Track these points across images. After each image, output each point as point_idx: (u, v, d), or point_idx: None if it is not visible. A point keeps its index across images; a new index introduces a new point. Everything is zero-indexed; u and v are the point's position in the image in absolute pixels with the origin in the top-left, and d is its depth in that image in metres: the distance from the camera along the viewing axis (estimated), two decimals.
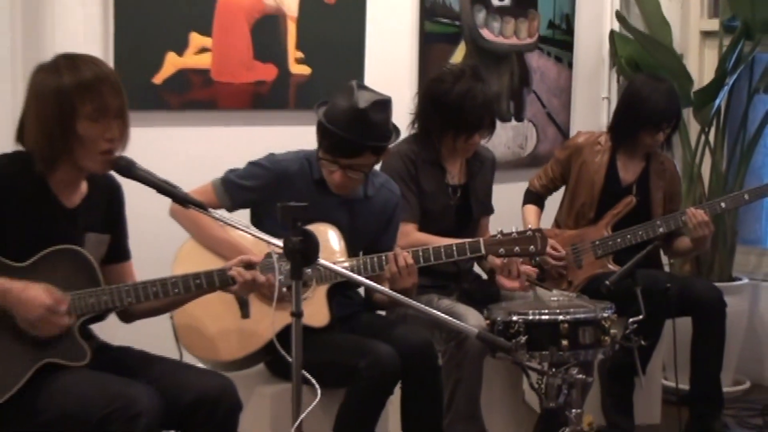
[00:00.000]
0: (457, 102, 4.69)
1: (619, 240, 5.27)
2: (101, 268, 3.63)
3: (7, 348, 3.39)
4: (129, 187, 3.67)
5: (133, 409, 3.24)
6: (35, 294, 3.35)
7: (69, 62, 3.44)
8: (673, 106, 5.35)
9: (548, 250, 4.94)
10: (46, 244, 3.48)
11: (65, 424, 3.34)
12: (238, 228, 3.52)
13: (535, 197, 5.59)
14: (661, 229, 5.25)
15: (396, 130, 4.29)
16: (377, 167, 4.48)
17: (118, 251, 3.78)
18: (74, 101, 3.36)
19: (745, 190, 5.56)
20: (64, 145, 3.40)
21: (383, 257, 4.19)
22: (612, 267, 5.21)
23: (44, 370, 3.41)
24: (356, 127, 4.10)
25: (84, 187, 3.61)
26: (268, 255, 3.82)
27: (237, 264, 3.70)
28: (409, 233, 4.67)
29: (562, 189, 5.59)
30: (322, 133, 4.20)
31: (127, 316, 3.78)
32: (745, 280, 6.47)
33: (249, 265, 3.71)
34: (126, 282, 3.71)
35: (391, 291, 3.56)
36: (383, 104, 4.17)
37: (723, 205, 5.39)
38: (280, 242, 3.14)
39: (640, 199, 5.39)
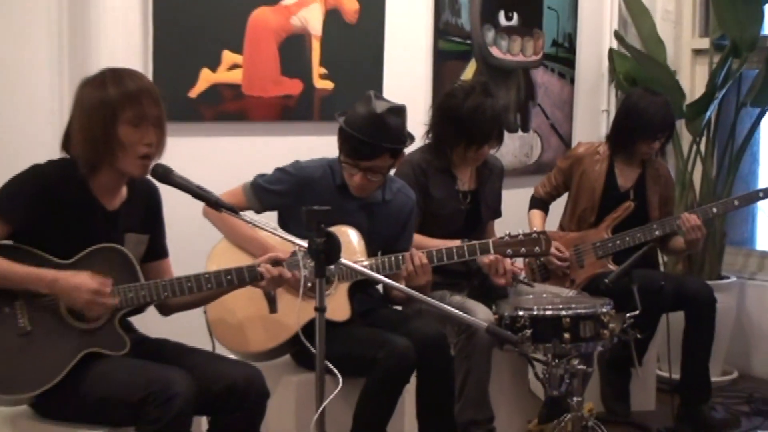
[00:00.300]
0: (468, 116, 4.67)
1: (618, 242, 5.26)
2: (141, 266, 3.64)
3: (54, 338, 3.40)
4: (167, 192, 3.66)
5: (170, 391, 3.24)
6: (81, 280, 3.37)
7: (113, 75, 3.46)
8: (668, 118, 5.33)
9: (553, 251, 4.95)
10: (88, 244, 3.48)
11: (107, 406, 3.35)
12: (266, 229, 3.51)
13: (539, 203, 5.57)
14: (657, 232, 5.24)
15: (411, 136, 4.28)
16: (393, 172, 4.46)
17: (157, 250, 3.78)
18: (116, 108, 3.37)
19: (736, 197, 5.55)
20: (106, 148, 3.41)
21: (400, 257, 4.19)
22: (611, 266, 5.19)
23: (87, 359, 3.41)
24: (374, 131, 4.10)
25: (124, 191, 3.62)
26: (294, 253, 3.83)
27: (265, 261, 3.70)
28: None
29: (565, 195, 5.57)
30: (343, 138, 4.20)
31: (164, 309, 3.78)
32: (733, 279, 6.45)
33: (276, 262, 3.71)
34: (163, 278, 3.71)
35: (407, 288, 3.54)
36: (399, 110, 4.17)
37: (715, 210, 5.37)
38: (304, 243, 3.12)
39: (637, 203, 5.37)
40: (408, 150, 4.36)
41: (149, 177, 3.54)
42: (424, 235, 4.72)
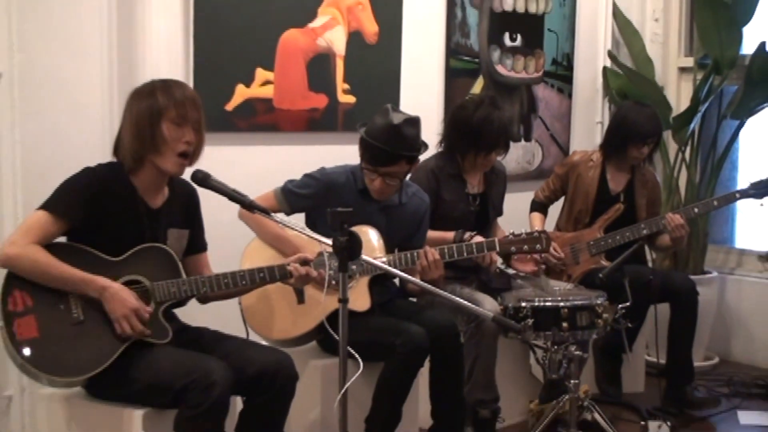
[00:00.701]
0: (477, 126, 4.67)
1: (609, 240, 5.24)
2: (183, 259, 3.66)
3: (104, 327, 3.39)
4: (205, 195, 3.65)
5: (209, 379, 3.24)
6: (127, 296, 3.38)
7: (162, 83, 3.51)
8: (655, 125, 5.32)
9: (551, 250, 4.92)
10: (134, 239, 3.49)
11: (152, 391, 3.35)
12: (295, 229, 3.50)
13: (539, 206, 5.55)
14: (644, 231, 5.21)
15: (425, 144, 4.27)
16: (408, 178, 4.45)
17: (196, 244, 3.79)
18: (162, 107, 3.42)
19: (715, 198, 5.53)
20: (151, 143, 3.44)
21: (415, 253, 4.17)
22: (604, 262, 5.17)
23: (133, 347, 3.41)
24: (392, 140, 4.10)
25: (165, 191, 3.62)
26: (320, 253, 3.83)
27: (294, 261, 3.70)
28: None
29: (561, 199, 5.55)
30: (364, 147, 4.19)
31: (203, 299, 3.77)
32: (715, 274, 6.41)
33: (304, 262, 3.71)
34: (202, 270, 3.76)
35: (421, 281, 3.52)
36: (414, 121, 4.17)
37: (696, 210, 5.35)
38: (329, 241, 3.11)
39: (626, 206, 5.34)
40: (422, 157, 4.34)
41: (188, 180, 3.55)
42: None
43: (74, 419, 3.53)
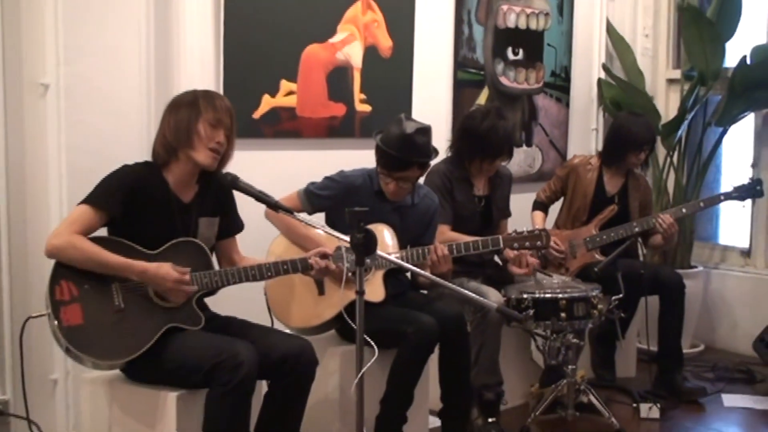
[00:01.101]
0: (484, 134, 4.66)
1: (604, 237, 5.20)
2: (215, 244, 3.71)
3: (142, 314, 3.41)
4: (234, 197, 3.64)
5: (237, 359, 3.25)
6: (166, 271, 3.39)
7: (204, 93, 3.55)
8: (650, 132, 5.32)
9: (552, 245, 4.92)
10: (166, 231, 3.51)
11: (184, 372, 3.35)
12: (316, 227, 3.51)
13: (541, 206, 5.52)
14: (636, 229, 5.18)
15: (435, 151, 4.25)
16: (421, 181, 4.44)
17: (228, 230, 3.78)
18: (201, 109, 3.44)
19: (701, 199, 5.50)
20: (187, 136, 3.46)
21: (426, 249, 4.16)
22: (599, 257, 5.14)
23: (169, 332, 3.41)
24: (405, 148, 4.09)
25: (196, 186, 3.61)
26: (338, 248, 3.82)
27: (314, 255, 3.70)
28: (444, 232, 4.61)
29: (561, 199, 5.54)
30: (380, 153, 4.19)
31: None
32: (700, 268, 6.39)
33: (323, 256, 3.71)
34: (232, 253, 3.80)
35: (431, 275, 3.51)
36: (425, 130, 4.15)
37: (684, 210, 5.33)
38: (347, 238, 3.10)
39: (620, 207, 5.31)
40: (433, 162, 4.32)
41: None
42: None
43: (115, 400, 3.54)
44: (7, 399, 4.03)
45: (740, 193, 5.33)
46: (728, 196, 5.35)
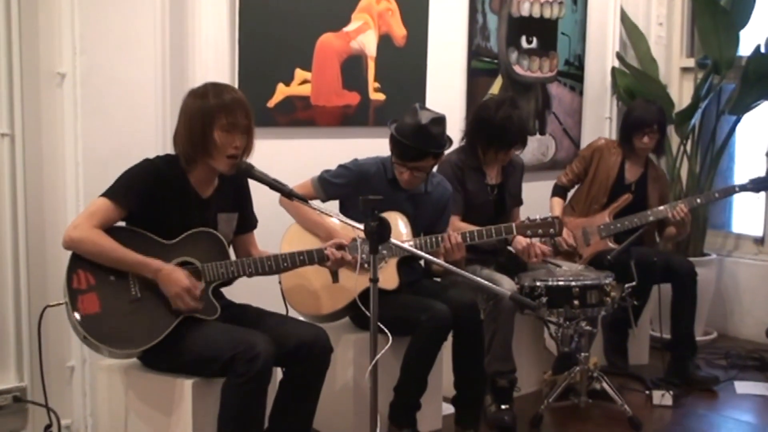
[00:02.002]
0: (499, 125, 4.64)
1: (618, 225, 5.20)
2: (234, 239, 3.70)
3: (159, 304, 3.40)
4: (249, 184, 3.64)
5: (254, 351, 3.25)
6: (179, 276, 3.38)
7: (214, 87, 3.49)
8: (650, 115, 5.27)
9: (564, 236, 4.92)
10: (185, 225, 3.50)
11: (202, 362, 3.36)
12: (330, 215, 3.50)
13: (561, 190, 5.52)
14: (651, 218, 5.18)
15: (449, 140, 4.25)
16: (434, 170, 4.42)
17: (245, 225, 3.78)
18: (214, 116, 3.40)
19: (716, 190, 5.51)
20: (203, 148, 3.43)
21: (439, 237, 4.15)
22: (612, 245, 5.14)
23: (185, 322, 3.41)
24: (419, 138, 4.08)
25: (216, 182, 3.61)
26: (354, 239, 3.83)
27: (330, 246, 3.70)
28: (453, 222, 4.60)
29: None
30: (394, 143, 4.18)
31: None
32: (713, 256, 6.38)
33: (339, 247, 3.70)
34: (249, 248, 3.79)
35: (444, 263, 3.50)
36: (439, 120, 4.14)
37: (698, 200, 5.33)
38: (361, 226, 3.09)
39: (636, 196, 5.32)
40: (446, 151, 4.32)
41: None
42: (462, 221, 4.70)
43: (131, 388, 3.55)
44: (25, 386, 4.04)
45: (755, 186, 5.32)
46: (743, 188, 5.34)
